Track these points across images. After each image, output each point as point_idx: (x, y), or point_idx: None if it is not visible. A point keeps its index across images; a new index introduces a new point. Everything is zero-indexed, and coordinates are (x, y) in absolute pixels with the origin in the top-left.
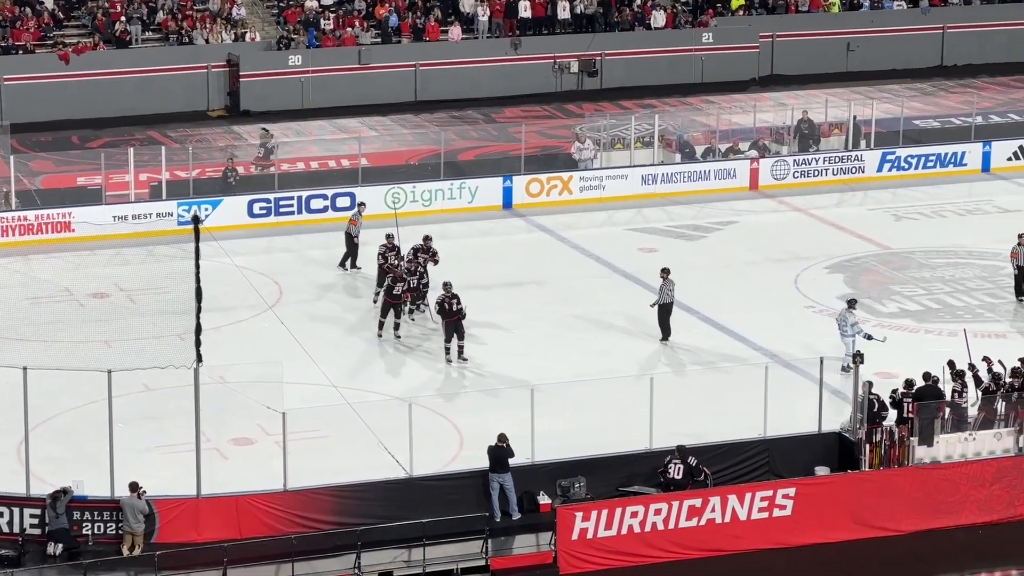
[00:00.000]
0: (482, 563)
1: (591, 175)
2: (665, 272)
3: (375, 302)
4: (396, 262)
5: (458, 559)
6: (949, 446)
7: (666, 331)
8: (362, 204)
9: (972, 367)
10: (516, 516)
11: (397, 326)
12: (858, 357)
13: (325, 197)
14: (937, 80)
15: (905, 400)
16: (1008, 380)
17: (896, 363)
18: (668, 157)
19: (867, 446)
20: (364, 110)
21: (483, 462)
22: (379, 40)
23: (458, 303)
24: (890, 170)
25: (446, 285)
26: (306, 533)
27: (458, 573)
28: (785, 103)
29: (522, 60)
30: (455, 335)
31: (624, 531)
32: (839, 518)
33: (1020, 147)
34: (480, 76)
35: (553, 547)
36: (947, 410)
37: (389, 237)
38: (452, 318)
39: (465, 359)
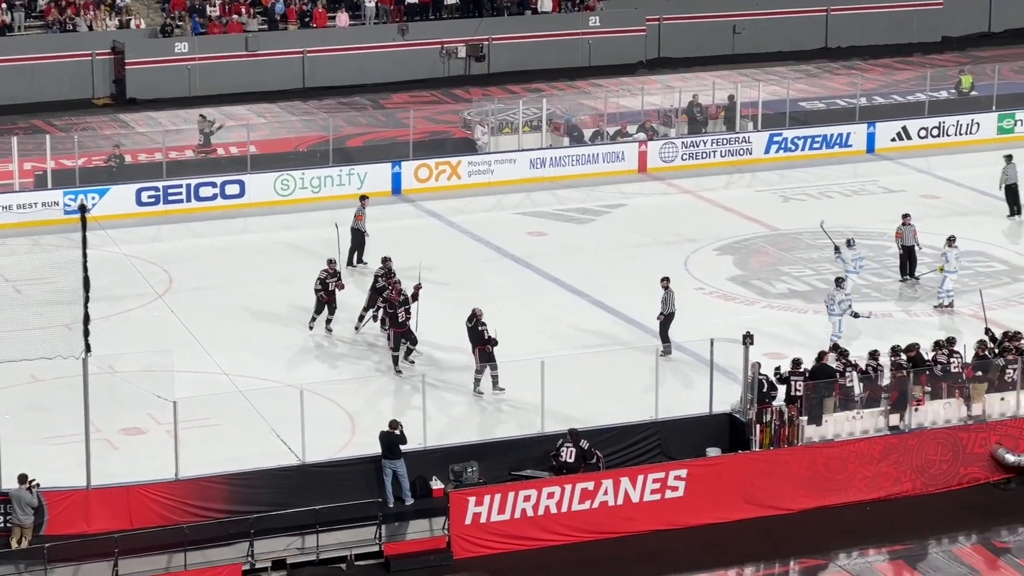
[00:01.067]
0: (375, 549)
1: (480, 160)
2: (666, 281)
3: (311, 328)
4: (385, 285)
5: (351, 545)
6: (837, 425)
7: (667, 340)
8: (365, 197)
9: (988, 332)
10: (409, 502)
11: (409, 352)
12: (748, 338)
13: (214, 185)
14: (822, 62)
15: (793, 379)
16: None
17: (785, 343)
18: (556, 141)
19: (757, 426)
20: (252, 97)
21: (376, 448)
22: (266, 27)
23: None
24: (777, 152)
25: (477, 311)
26: (199, 522)
27: (351, 560)
28: (672, 86)
29: (409, 46)
30: (487, 365)
31: (517, 515)
32: (731, 498)
33: (904, 128)
34: (368, 62)
35: (446, 532)
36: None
37: (331, 262)
38: (482, 345)
39: (502, 388)
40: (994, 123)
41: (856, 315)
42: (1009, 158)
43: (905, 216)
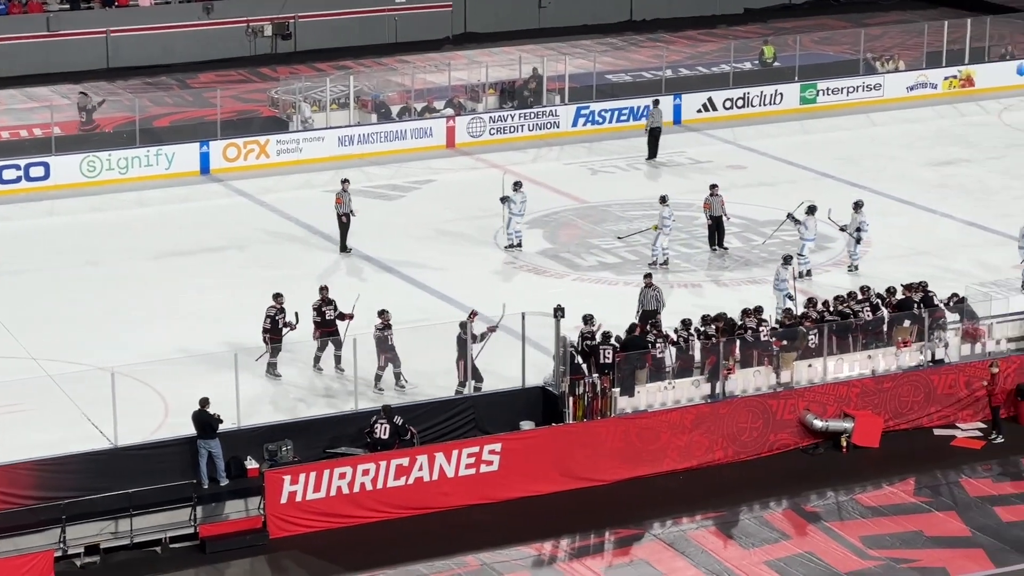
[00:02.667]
0: (191, 531)
1: (288, 138)
2: (648, 277)
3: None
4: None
5: (166, 528)
6: (650, 395)
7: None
8: (345, 180)
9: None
10: (224, 482)
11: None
12: (559, 311)
13: (18, 167)
14: (628, 35)
15: (602, 348)
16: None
17: (597, 315)
18: (364, 118)
19: (570, 399)
20: (55, 78)
21: (189, 429)
22: (67, 7)
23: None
24: (584, 125)
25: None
26: (8, 510)
27: (166, 542)
28: (479, 61)
29: (215, 25)
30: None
31: (333, 493)
32: (545, 471)
33: (709, 99)
34: (173, 41)
35: (262, 512)
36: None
37: (278, 297)
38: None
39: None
40: (797, 93)
41: (791, 297)
42: (656, 103)
43: (713, 186)
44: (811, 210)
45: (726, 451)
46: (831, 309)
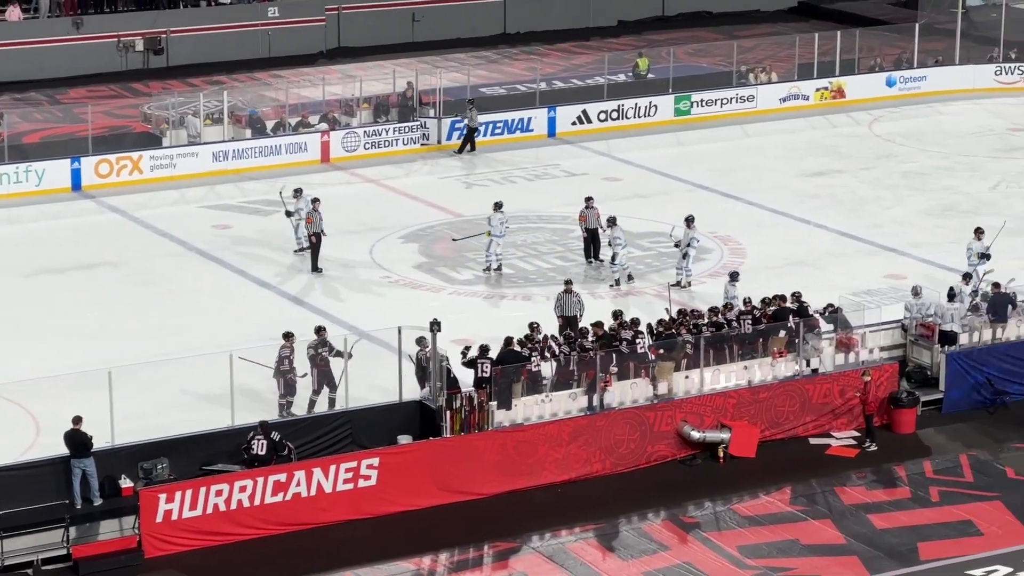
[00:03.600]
0: (63, 552)
1: (162, 154)
2: (568, 284)
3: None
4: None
5: (38, 550)
6: (527, 408)
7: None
8: (316, 200)
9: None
10: (98, 502)
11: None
12: (435, 324)
13: None
14: (502, 48)
15: (480, 362)
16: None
17: (473, 329)
18: (239, 133)
19: (448, 413)
20: None
21: (62, 449)
22: None
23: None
24: (459, 138)
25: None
26: None
27: (38, 564)
28: (353, 75)
29: (85, 39)
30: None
31: (210, 510)
32: (423, 485)
33: (584, 111)
34: (42, 56)
35: (137, 531)
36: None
37: (290, 337)
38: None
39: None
40: (671, 105)
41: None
42: (471, 102)
43: (588, 199)
44: (689, 220)
45: (604, 463)
46: (707, 320)
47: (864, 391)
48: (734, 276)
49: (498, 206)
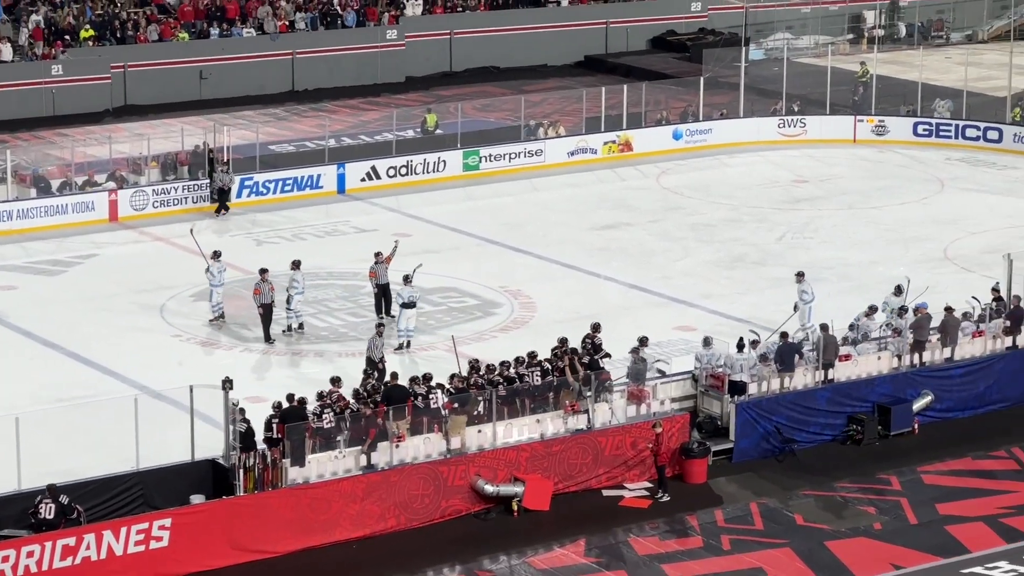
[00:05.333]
0: None
1: None
2: (379, 327)
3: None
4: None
5: None
6: (320, 465)
7: None
8: (264, 270)
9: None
10: None
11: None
12: (227, 383)
13: None
14: (290, 105)
15: (274, 421)
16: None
17: (264, 387)
18: (23, 193)
19: (241, 471)
20: None
21: None
22: None
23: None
24: (249, 196)
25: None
26: None
27: None
28: (141, 133)
29: None
30: None
31: None
32: (217, 544)
33: (373, 168)
34: None
35: None
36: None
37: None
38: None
39: None
40: (460, 160)
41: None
42: (226, 163)
43: (378, 254)
44: (407, 279)
45: (399, 519)
46: (499, 374)
47: (656, 443)
48: (707, 341)
49: (216, 255)
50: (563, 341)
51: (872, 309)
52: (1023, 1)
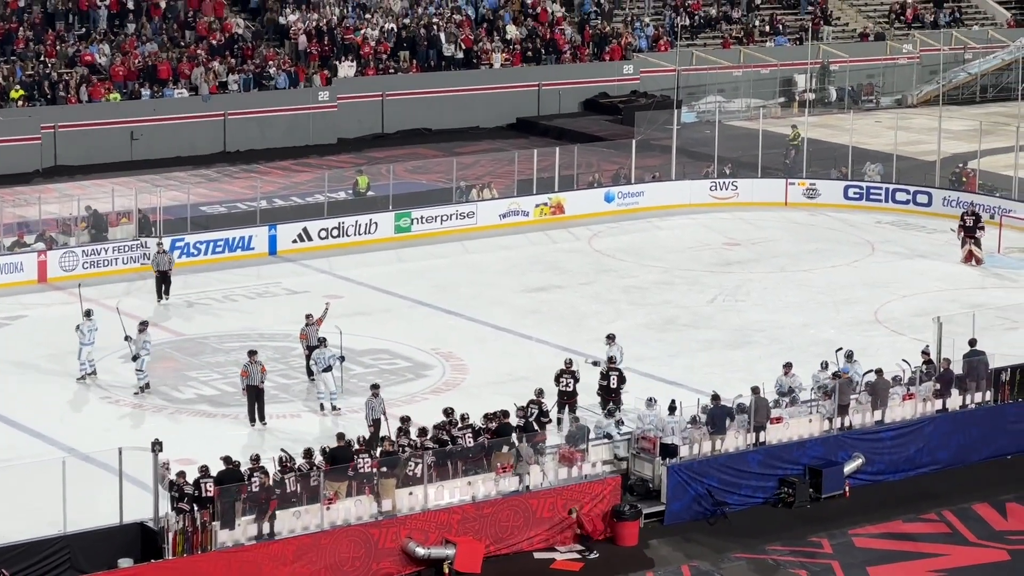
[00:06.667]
0: None
1: None
2: (375, 388)
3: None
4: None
5: None
6: (249, 528)
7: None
8: (253, 352)
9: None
10: None
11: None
12: (156, 445)
13: None
14: (221, 166)
15: (203, 481)
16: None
17: (194, 448)
18: None
19: (170, 534)
20: None
21: None
22: None
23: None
24: (180, 257)
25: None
26: None
27: None
28: (71, 194)
29: None
30: None
31: None
32: None
33: (304, 229)
34: None
35: None
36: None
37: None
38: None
39: None
40: (392, 222)
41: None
42: (160, 243)
43: (308, 316)
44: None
45: None
46: (429, 436)
47: (578, 522)
48: (651, 401)
49: (88, 313)
50: (539, 392)
51: (788, 366)
52: (951, 67)
